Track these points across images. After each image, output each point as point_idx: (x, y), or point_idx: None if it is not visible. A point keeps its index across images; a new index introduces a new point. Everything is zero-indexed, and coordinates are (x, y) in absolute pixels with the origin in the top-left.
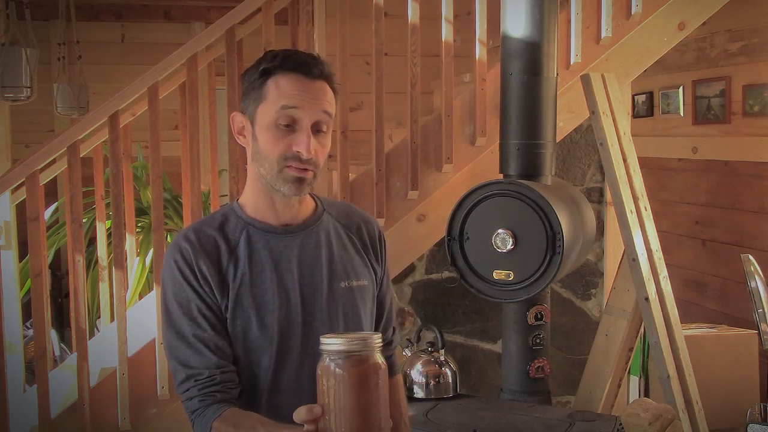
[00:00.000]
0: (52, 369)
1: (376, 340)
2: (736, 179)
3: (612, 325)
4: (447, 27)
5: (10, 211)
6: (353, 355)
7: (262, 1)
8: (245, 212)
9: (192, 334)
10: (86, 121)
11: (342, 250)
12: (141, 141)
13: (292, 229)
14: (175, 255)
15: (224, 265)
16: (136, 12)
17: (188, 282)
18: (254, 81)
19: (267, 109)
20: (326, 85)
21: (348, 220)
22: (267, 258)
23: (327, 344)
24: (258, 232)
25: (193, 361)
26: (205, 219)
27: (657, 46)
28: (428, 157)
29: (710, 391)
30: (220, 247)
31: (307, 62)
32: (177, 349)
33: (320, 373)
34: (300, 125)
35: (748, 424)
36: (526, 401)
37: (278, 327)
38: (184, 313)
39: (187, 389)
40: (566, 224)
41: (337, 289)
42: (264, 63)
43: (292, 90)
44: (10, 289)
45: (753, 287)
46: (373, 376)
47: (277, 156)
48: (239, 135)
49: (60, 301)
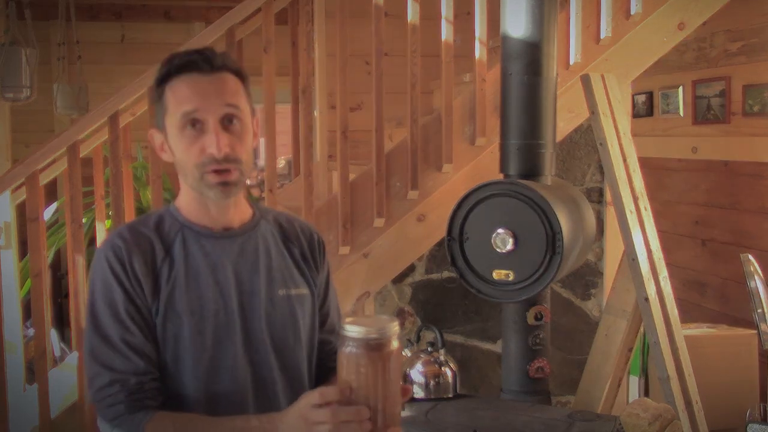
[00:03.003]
0: (52, 369)
1: (394, 327)
2: (736, 179)
3: (612, 325)
4: (447, 27)
5: (10, 211)
6: (373, 341)
7: (262, 1)
8: (181, 214)
9: (119, 337)
10: (86, 121)
11: (280, 258)
12: (141, 141)
13: (229, 234)
14: (107, 252)
15: (158, 265)
16: (136, 12)
17: (119, 282)
18: (155, 93)
19: (171, 120)
20: (226, 75)
21: (286, 230)
22: (203, 262)
23: (350, 331)
24: (194, 234)
25: (120, 365)
26: (141, 218)
27: (657, 46)
28: (428, 157)
29: (710, 391)
30: (155, 247)
31: (195, 60)
32: (101, 352)
33: (344, 357)
34: (206, 126)
35: (748, 424)
36: (526, 401)
37: (214, 333)
38: (111, 315)
39: (111, 394)
40: (566, 224)
41: (275, 297)
42: (157, 74)
43: (187, 92)
44: (10, 289)
45: (753, 287)
46: (391, 359)
47: (193, 164)
48: (161, 151)
49: (60, 301)
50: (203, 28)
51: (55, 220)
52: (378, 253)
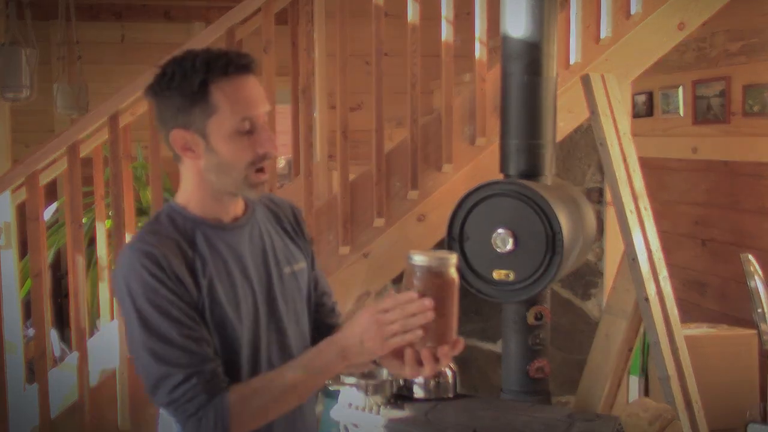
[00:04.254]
0: (52, 369)
1: (453, 259)
2: (736, 179)
3: (612, 325)
4: (447, 27)
5: (10, 211)
6: (434, 269)
7: (262, 1)
8: (191, 212)
9: (180, 334)
10: (86, 121)
11: (278, 237)
12: (141, 141)
13: (239, 224)
14: (141, 260)
15: (190, 262)
16: (136, 12)
17: (162, 283)
18: (193, 94)
19: (223, 121)
20: (255, 78)
21: (272, 208)
22: (226, 253)
23: (416, 260)
24: (211, 229)
25: (189, 360)
26: (152, 225)
27: (657, 46)
28: (428, 157)
29: (710, 391)
30: (182, 246)
31: (242, 61)
32: (165, 353)
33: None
34: (257, 126)
35: (748, 424)
36: (526, 401)
37: (248, 316)
38: (164, 316)
39: (189, 389)
40: (566, 224)
41: (283, 275)
42: (198, 74)
43: (242, 94)
44: (10, 289)
45: (753, 287)
46: (450, 286)
47: (245, 163)
48: (185, 151)
49: (60, 301)
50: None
51: (55, 220)
52: (378, 253)
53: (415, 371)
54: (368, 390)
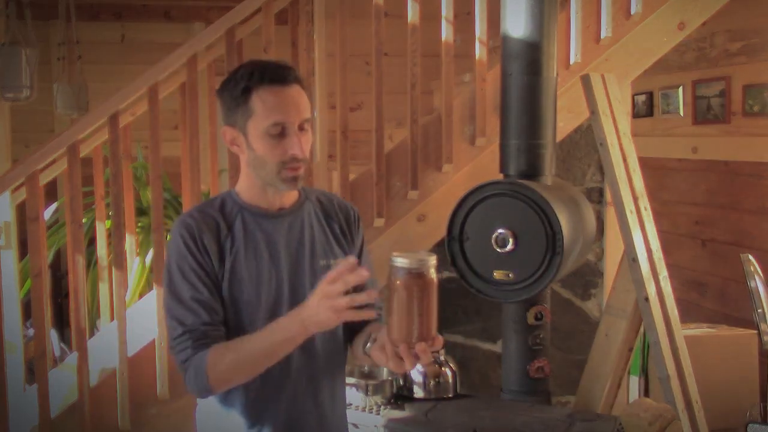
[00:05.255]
0: (52, 369)
1: (432, 260)
2: (736, 179)
3: (612, 325)
4: (447, 27)
5: (10, 211)
6: (413, 271)
7: (262, 1)
8: (241, 198)
9: (190, 296)
10: (86, 121)
11: (321, 233)
12: (141, 141)
13: (281, 214)
14: (180, 230)
15: (222, 240)
16: (136, 12)
17: (191, 252)
18: (238, 98)
19: (257, 123)
20: (301, 89)
21: (327, 207)
22: (260, 237)
23: (397, 261)
24: (251, 215)
25: (190, 319)
26: (206, 202)
27: (657, 46)
28: (428, 157)
29: (710, 391)
30: (219, 224)
31: (282, 73)
32: (175, 309)
33: (392, 282)
34: (289, 131)
35: (748, 424)
36: (526, 401)
37: (269, 297)
38: (184, 278)
39: (181, 342)
40: (566, 224)
41: (317, 267)
42: (243, 81)
43: (277, 102)
44: (10, 289)
45: (753, 287)
46: (428, 286)
47: (276, 162)
48: (233, 145)
49: (60, 301)
50: (203, 28)
51: (55, 220)
52: (378, 253)
53: (397, 366)
54: (368, 390)
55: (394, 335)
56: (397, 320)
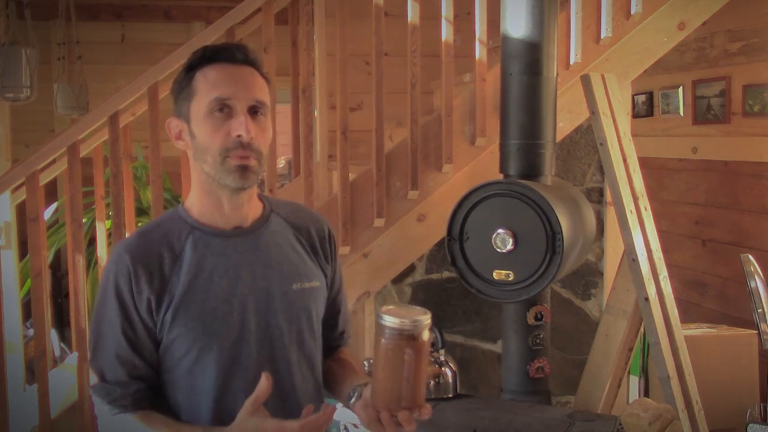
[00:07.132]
0: (52, 369)
1: (426, 320)
2: (736, 179)
3: (612, 325)
4: (447, 27)
5: (10, 211)
6: (406, 332)
7: (262, 1)
8: (191, 216)
9: (113, 349)
10: (86, 121)
11: (292, 252)
12: (141, 141)
13: (242, 232)
14: (115, 268)
15: (167, 276)
16: (136, 12)
17: (120, 299)
18: (182, 80)
19: (199, 102)
20: (254, 71)
21: (296, 221)
22: (215, 263)
23: (386, 321)
24: (205, 236)
25: (109, 373)
26: (149, 226)
27: (657, 46)
28: (428, 157)
29: (710, 391)
30: (164, 256)
31: (230, 48)
32: (96, 356)
33: (380, 344)
34: (234, 111)
35: (748, 424)
36: (526, 401)
37: (229, 333)
38: (108, 326)
39: (97, 393)
40: (566, 224)
41: (289, 292)
42: (188, 61)
43: (220, 77)
44: (10, 289)
45: (753, 287)
46: (421, 349)
47: (218, 146)
48: (178, 140)
49: (60, 301)
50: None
51: (55, 220)
52: (378, 253)
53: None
54: None
55: (377, 400)
56: (382, 384)
